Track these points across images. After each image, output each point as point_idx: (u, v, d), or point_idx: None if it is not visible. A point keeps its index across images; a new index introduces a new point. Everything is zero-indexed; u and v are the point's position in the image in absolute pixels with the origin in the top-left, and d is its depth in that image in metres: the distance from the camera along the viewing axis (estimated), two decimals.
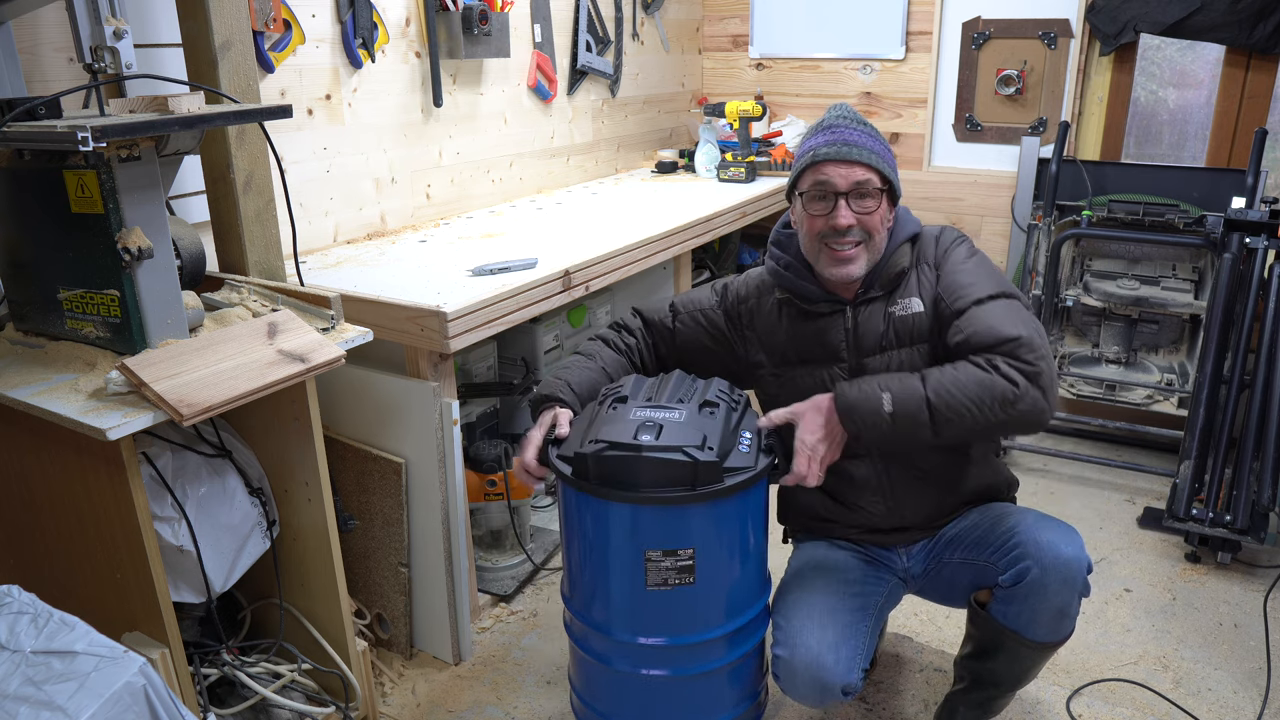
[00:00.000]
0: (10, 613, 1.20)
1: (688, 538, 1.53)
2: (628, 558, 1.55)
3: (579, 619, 1.69)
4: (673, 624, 1.60)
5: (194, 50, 1.76)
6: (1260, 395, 2.53)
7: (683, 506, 1.51)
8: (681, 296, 1.93)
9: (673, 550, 1.53)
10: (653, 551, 1.53)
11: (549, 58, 3.12)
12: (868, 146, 1.65)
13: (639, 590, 1.56)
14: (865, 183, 1.64)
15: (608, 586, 1.62)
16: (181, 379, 1.46)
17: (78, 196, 1.46)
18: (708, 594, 1.58)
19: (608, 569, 1.60)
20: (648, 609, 1.59)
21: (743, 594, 1.65)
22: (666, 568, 1.53)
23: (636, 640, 1.62)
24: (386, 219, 2.66)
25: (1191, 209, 2.96)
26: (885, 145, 1.71)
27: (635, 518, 1.54)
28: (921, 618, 2.36)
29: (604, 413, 1.59)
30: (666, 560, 1.53)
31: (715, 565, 1.57)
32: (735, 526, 1.59)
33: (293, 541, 1.87)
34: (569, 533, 1.66)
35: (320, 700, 1.90)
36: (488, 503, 2.41)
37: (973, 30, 3.24)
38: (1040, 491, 3.00)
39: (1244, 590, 2.47)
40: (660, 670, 1.63)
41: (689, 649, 1.62)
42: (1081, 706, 2.05)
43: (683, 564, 1.53)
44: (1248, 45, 2.86)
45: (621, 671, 1.66)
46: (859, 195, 1.65)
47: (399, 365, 2.07)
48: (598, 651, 1.68)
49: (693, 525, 1.53)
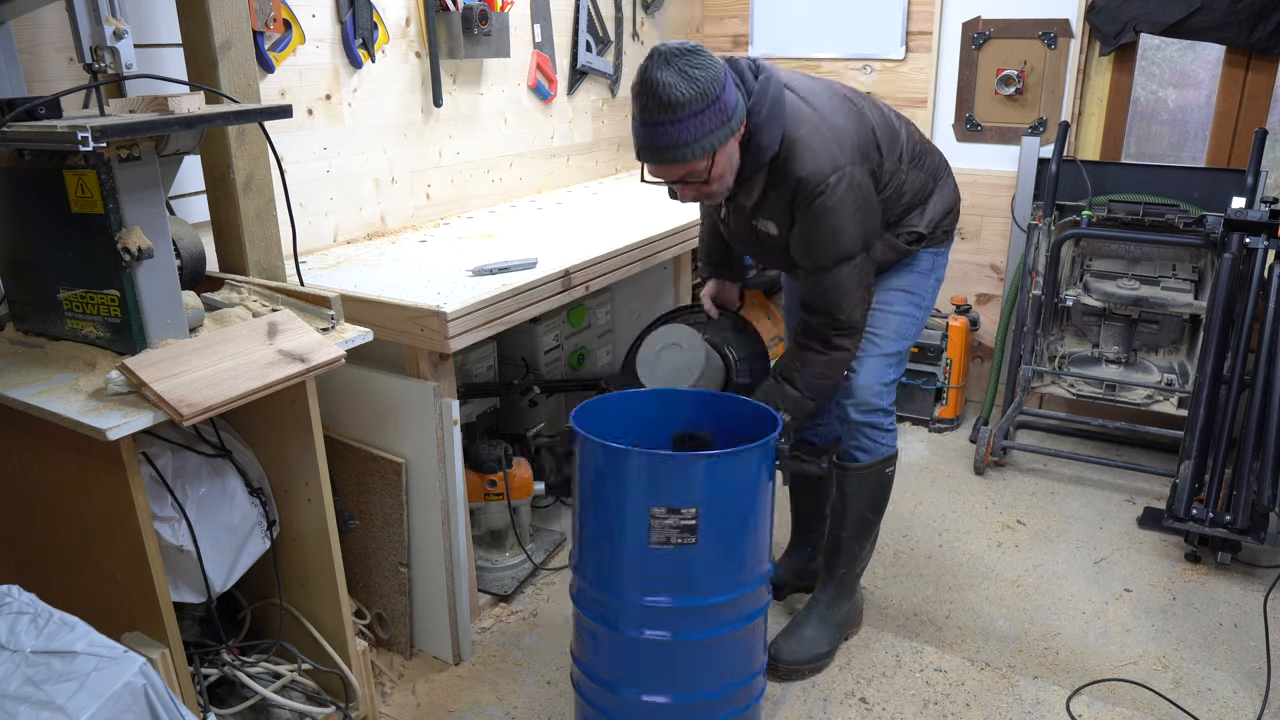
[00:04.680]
0: (10, 613, 1.20)
1: (691, 496, 1.60)
2: (633, 514, 1.63)
3: (583, 581, 1.76)
4: (675, 585, 1.66)
5: (194, 50, 1.76)
6: (1260, 395, 2.53)
7: (688, 464, 1.61)
8: None
9: (676, 509, 1.59)
10: (657, 509, 1.59)
11: (549, 58, 3.12)
12: (677, 142, 1.66)
13: (642, 548, 1.63)
14: (689, 174, 1.75)
15: (614, 544, 1.68)
16: (181, 379, 1.45)
17: (78, 196, 1.46)
18: (709, 555, 1.64)
19: (615, 526, 1.67)
20: (651, 568, 1.66)
21: (755, 556, 1.72)
22: (670, 525, 1.60)
23: (641, 600, 1.68)
24: (386, 219, 2.66)
25: (1191, 209, 2.96)
26: (700, 110, 1.65)
27: (641, 469, 1.63)
28: (921, 618, 2.37)
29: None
30: (670, 519, 1.60)
31: (720, 527, 1.64)
32: (741, 489, 1.67)
33: (293, 541, 1.87)
34: (581, 492, 1.73)
35: (320, 700, 1.90)
36: (488, 503, 2.41)
37: (973, 30, 3.24)
38: (1040, 491, 3.00)
39: (1244, 590, 2.46)
40: (662, 632, 1.68)
41: (691, 612, 1.68)
42: (1081, 706, 2.05)
43: (686, 523, 1.60)
44: (1248, 45, 2.86)
45: (632, 636, 1.70)
46: (689, 182, 1.78)
47: (399, 365, 2.07)
48: (601, 615, 1.73)
49: (696, 484, 1.61)
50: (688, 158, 1.68)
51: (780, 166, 1.81)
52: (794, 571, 2.41)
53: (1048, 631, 2.31)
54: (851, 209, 1.81)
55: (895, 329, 2.05)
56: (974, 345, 3.51)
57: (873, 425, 2.08)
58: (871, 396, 2.05)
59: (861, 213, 1.84)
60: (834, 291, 1.86)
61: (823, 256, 1.85)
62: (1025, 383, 3.08)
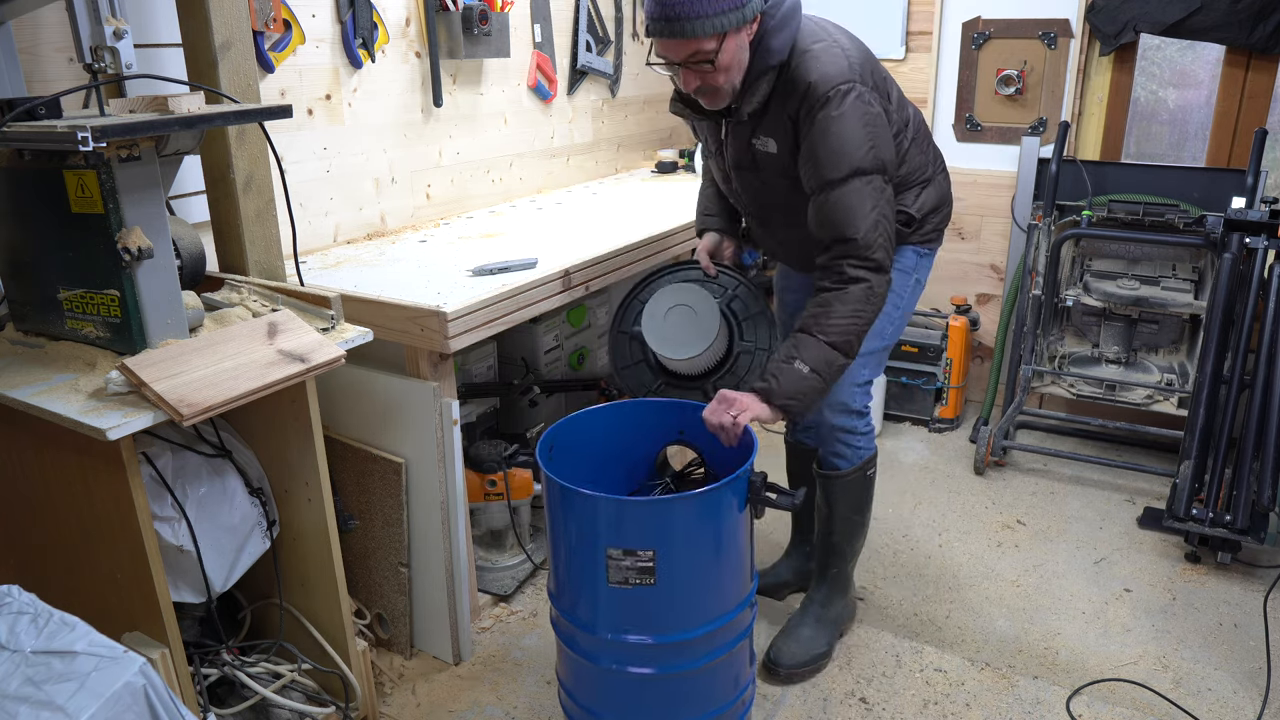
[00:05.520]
0: (10, 613, 1.20)
1: (647, 539, 1.54)
2: (590, 555, 1.58)
3: (558, 610, 1.73)
4: (640, 623, 1.62)
5: (194, 50, 1.76)
6: (1260, 395, 2.52)
7: (643, 508, 1.55)
8: None
9: (633, 550, 1.54)
10: (614, 550, 1.54)
11: (549, 58, 3.12)
12: (689, 14, 1.65)
13: (602, 587, 1.59)
14: (696, 53, 1.69)
15: (580, 579, 1.65)
16: (181, 379, 1.46)
17: (78, 196, 1.46)
18: (671, 595, 1.59)
19: (578, 562, 1.63)
20: (615, 606, 1.62)
21: (718, 596, 1.66)
22: (627, 567, 1.55)
23: (608, 637, 1.64)
24: (386, 219, 2.66)
25: (1191, 209, 2.96)
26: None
27: (596, 512, 1.57)
28: (921, 618, 2.37)
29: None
30: (627, 559, 1.54)
31: (680, 567, 1.57)
32: (702, 529, 1.61)
33: (293, 541, 1.87)
34: (548, 524, 1.70)
35: (320, 700, 1.90)
36: (488, 503, 2.41)
37: (973, 30, 3.24)
38: (1040, 491, 3.00)
39: (1244, 590, 2.46)
40: (637, 668, 1.65)
41: (663, 648, 1.64)
42: (1081, 706, 2.05)
43: (643, 565, 1.55)
44: (1248, 45, 2.86)
45: (601, 667, 1.68)
46: (695, 63, 1.71)
47: (399, 365, 2.07)
48: (575, 646, 1.71)
49: (652, 527, 1.55)
50: (698, 32, 1.65)
51: (789, 74, 1.75)
52: (795, 571, 2.41)
53: (1048, 631, 2.31)
54: (861, 121, 1.72)
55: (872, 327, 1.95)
56: (974, 345, 3.51)
57: (848, 430, 2.06)
58: (846, 397, 2.01)
59: (872, 129, 1.74)
60: (845, 210, 1.73)
61: (832, 169, 1.73)
62: (1025, 383, 3.08)
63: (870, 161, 1.73)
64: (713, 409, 1.76)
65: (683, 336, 1.96)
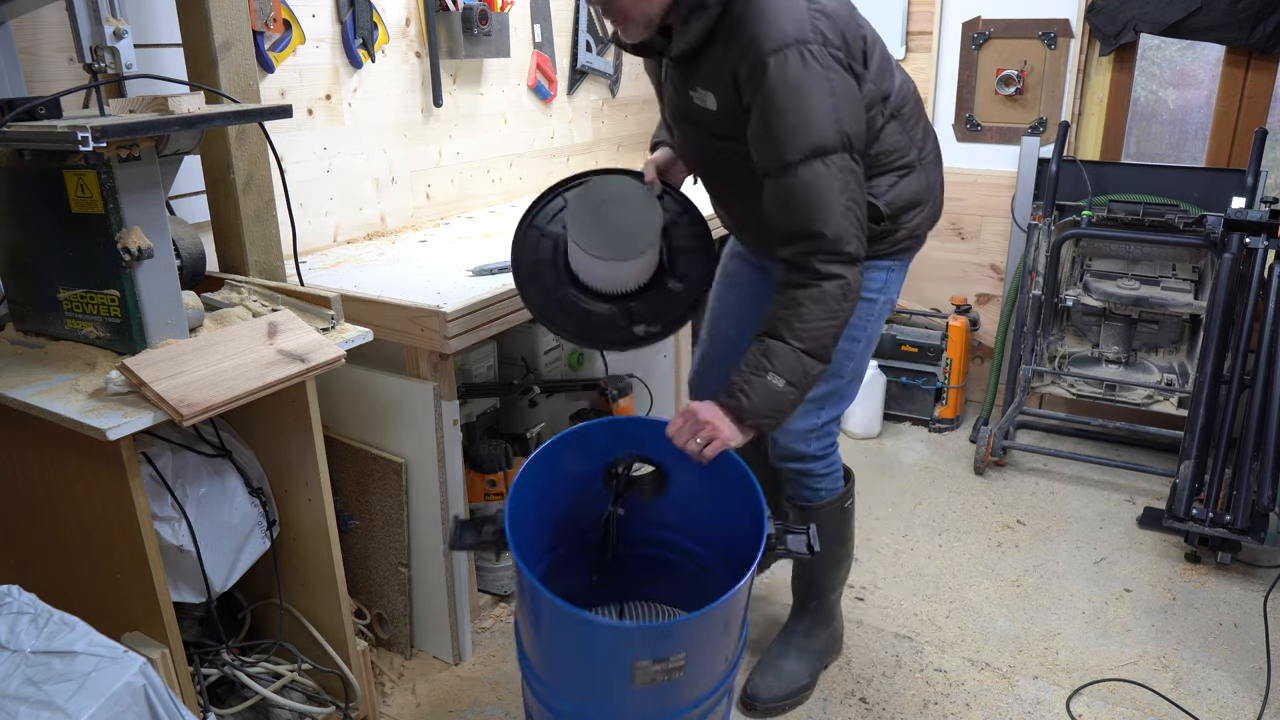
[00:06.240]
0: (10, 613, 1.20)
1: (679, 646, 1.42)
2: (613, 666, 1.45)
3: (555, 699, 1.58)
4: (662, 710, 1.53)
5: (194, 50, 1.76)
6: (1260, 395, 2.53)
7: (675, 629, 1.42)
8: None
9: (663, 658, 1.41)
10: (642, 661, 1.40)
11: (549, 58, 3.12)
12: None
13: (627, 690, 1.45)
14: None
15: (589, 685, 1.51)
16: (181, 379, 1.46)
17: (78, 196, 1.46)
18: (695, 679, 1.49)
19: (589, 674, 1.50)
20: (637, 701, 1.49)
21: (724, 658, 1.57)
22: (657, 671, 1.42)
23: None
24: (386, 219, 2.66)
25: (1191, 209, 2.96)
26: None
27: (622, 639, 1.44)
28: (921, 618, 2.37)
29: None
30: (657, 666, 1.42)
31: (709, 650, 1.48)
32: (734, 614, 1.50)
33: (293, 541, 1.87)
34: (537, 639, 1.54)
35: (320, 700, 1.90)
36: (488, 503, 2.41)
37: (973, 30, 3.24)
38: (1040, 491, 3.00)
39: (1244, 590, 2.46)
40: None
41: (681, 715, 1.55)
42: (1081, 706, 2.05)
43: (674, 667, 1.43)
44: (1248, 45, 2.86)
45: None
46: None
47: (399, 365, 2.07)
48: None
49: (684, 638, 1.43)
50: None
51: (732, 18, 1.48)
52: None
53: (1048, 631, 2.31)
54: (822, 88, 1.45)
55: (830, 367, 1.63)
56: (974, 345, 3.51)
57: (806, 474, 1.88)
58: (794, 443, 1.82)
59: (835, 98, 1.46)
60: (809, 200, 1.47)
61: (790, 148, 1.46)
62: (1025, 383, 3.08)
63: (834, 137, 1.47)
64: (678, 428, 1.55)
65: (612, 237, 1.66)
